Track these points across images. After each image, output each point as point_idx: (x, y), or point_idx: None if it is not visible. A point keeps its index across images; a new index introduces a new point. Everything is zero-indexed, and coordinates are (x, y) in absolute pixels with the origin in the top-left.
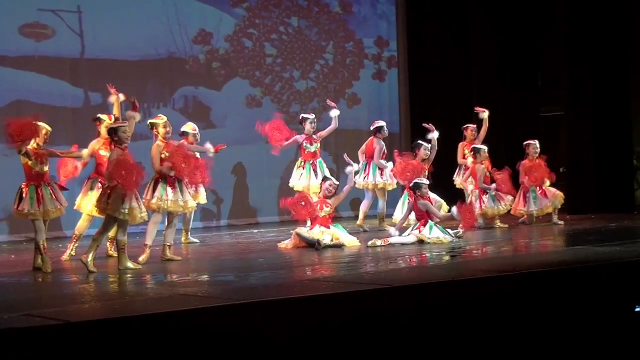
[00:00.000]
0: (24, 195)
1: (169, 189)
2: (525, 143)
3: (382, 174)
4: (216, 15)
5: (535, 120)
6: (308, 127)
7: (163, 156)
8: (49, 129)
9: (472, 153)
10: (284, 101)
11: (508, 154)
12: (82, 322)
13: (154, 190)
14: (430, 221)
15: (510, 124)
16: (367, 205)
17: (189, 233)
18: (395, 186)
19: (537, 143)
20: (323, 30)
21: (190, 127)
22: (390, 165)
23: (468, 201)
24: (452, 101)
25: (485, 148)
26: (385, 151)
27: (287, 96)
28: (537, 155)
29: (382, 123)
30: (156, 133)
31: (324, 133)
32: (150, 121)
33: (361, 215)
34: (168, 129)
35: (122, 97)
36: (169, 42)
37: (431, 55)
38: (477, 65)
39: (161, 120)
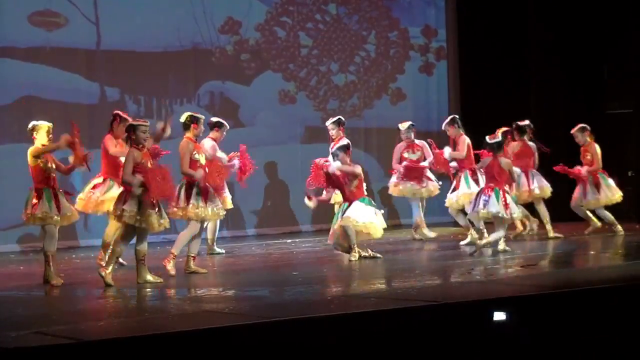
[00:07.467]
0: (39, 198)
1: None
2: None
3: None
4: (245, 1)
5: (600, 118)
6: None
7: (194, 157)
8: (50, 125)
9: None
10: (320, 97)
11: (569, 156)
12: (97, 340)
13: (188, 197)
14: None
15: (572, 122)
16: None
17: (215, 243)
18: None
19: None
20: (364, 18)
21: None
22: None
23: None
24: (507, 97)
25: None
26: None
27: (323, 91)
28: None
29: (407, 123)
30: (194, 127)
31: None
32: (191, 114)
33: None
34: (201, 128)
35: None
36: (193, 31)
37: (484, 45)
38: (535, 57)
39: (202, 117)
